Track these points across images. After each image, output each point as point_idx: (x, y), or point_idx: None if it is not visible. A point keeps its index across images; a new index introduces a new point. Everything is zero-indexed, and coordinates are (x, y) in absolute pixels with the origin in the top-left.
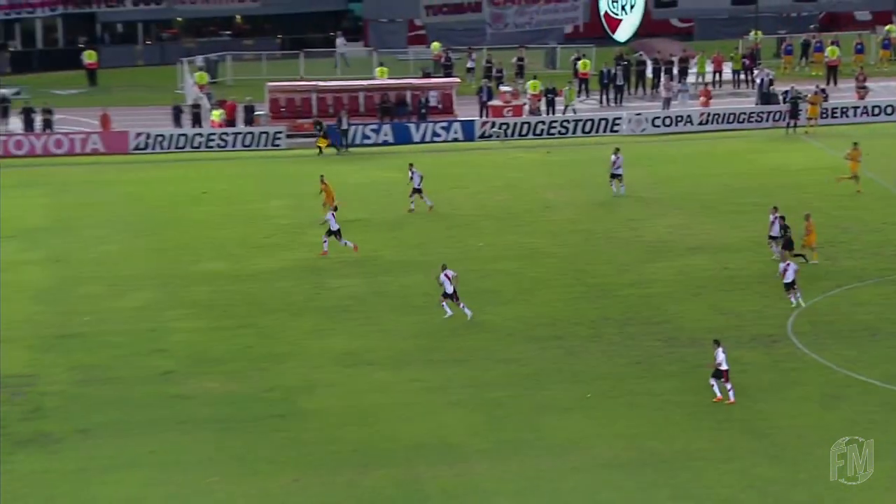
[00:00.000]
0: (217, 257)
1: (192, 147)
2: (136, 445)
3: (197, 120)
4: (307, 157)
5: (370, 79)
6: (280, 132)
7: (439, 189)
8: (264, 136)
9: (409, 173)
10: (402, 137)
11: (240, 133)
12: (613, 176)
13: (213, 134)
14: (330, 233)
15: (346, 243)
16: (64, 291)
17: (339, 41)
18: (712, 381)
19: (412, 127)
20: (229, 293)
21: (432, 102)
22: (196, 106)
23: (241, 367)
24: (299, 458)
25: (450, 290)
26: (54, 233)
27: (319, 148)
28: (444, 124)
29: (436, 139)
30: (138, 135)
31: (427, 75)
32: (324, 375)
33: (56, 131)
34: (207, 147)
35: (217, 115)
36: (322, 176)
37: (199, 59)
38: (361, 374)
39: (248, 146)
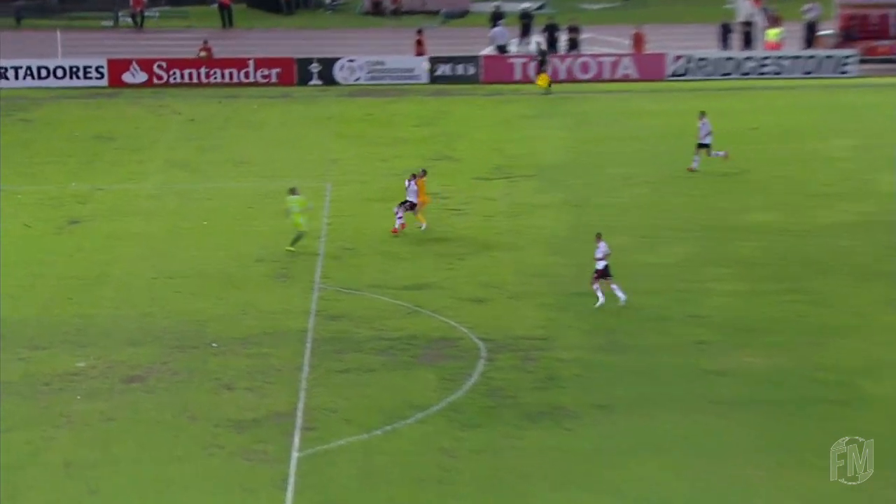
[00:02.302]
0: (766, 207)
1: (741, 73)
2: (662, 426)
3: (748, 41)
4: (884, 88)
5: None
6: (850, 56)
7: None
8: (830, 60)
9: (699, 123)
10: None
11: (800, 57)
12: None
13: (768, 58)
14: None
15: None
16: (583, 241)
17: None
18: None
19: None
20: (779, 250)
21: None
22: (748, 24)
23: (789, 340)
24: None
25: (601, 265)
26: (574, 172)
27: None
28: None
29: None
30: (677, 58)
31: None
32: (894, 356)
33: (582, 52)
34: (760, 74)
35: (774, 34)
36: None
37: None
38: None
39: (809, 73)
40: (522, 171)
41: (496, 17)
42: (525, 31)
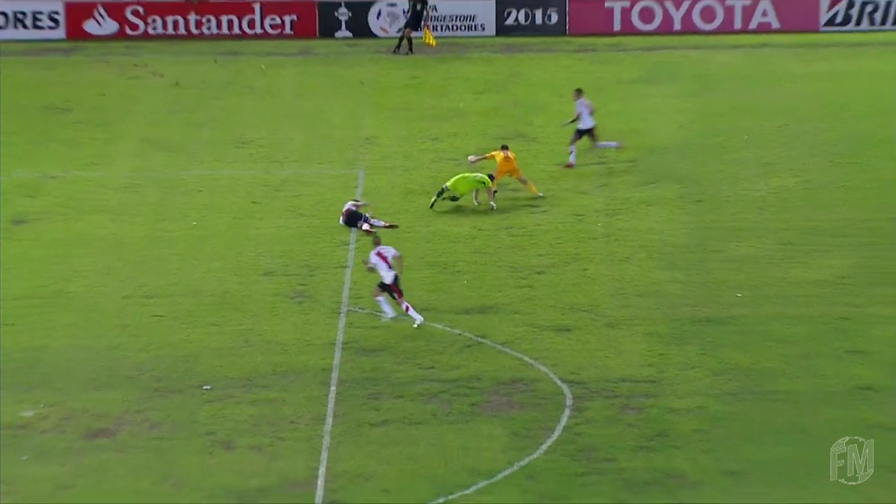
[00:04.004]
0: None
1: None
2: (812, 501)
3: None
4: None
5: None
6: None
7: None
8: None
9: (575, 103)
10: None
11: None
12: None
13: None
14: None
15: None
16: (707, 250)
17: None
18: None
19: None
20: None
21: None
22: None
23: None
24: None
25: (388, 278)
26: (693, 156)
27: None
28: None
29: None
30: (834, 3)
31: None
32: None
33: None
34: None
35: None
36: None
37: None
38: None
39: None
40: (623, 155)
41: None
42: None
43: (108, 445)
